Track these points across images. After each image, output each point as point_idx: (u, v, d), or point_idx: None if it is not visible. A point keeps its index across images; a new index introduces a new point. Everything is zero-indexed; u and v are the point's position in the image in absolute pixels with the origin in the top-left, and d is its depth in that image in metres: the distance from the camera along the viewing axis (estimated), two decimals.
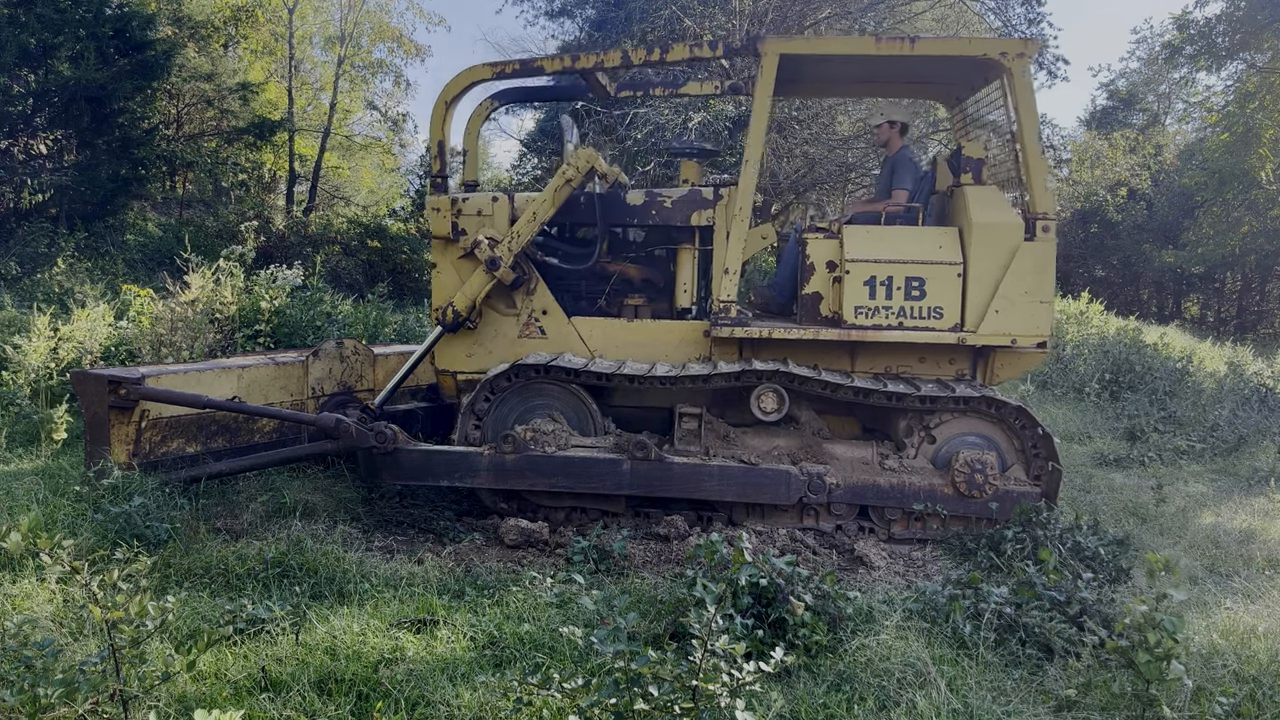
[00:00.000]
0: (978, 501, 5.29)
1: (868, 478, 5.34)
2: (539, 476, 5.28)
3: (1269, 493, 6.57)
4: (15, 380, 7.39)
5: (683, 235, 6.01)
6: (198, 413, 5.49)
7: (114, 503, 4.80)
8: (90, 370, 5.12)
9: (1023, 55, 5.41)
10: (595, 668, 3.21)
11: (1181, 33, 18.45)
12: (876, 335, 5.45)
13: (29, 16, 12.52)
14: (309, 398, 6.25)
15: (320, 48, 23.58)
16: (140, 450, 5.26)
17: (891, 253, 5.45)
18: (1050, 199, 5.45)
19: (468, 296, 5.80)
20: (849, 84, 6.97)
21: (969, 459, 5.28)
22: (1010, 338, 5.42)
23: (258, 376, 5.89)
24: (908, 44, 5.55)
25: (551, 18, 17.40)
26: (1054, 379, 10.80)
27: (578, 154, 5.77)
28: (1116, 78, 30.05)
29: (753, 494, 5.23)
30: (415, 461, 5.42)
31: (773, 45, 5.55)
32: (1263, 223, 20.32)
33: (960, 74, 6.09)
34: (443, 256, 5.98)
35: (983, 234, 5.38)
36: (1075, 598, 3.89)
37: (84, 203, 13.47)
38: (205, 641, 3.08)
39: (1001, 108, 5.77)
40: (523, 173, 18.54)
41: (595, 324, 5.92)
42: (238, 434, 5.84)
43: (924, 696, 3.31)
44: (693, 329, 5.81)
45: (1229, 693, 3.20)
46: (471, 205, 5.91)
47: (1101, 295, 20.45)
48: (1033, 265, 5.37)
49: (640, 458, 5.21)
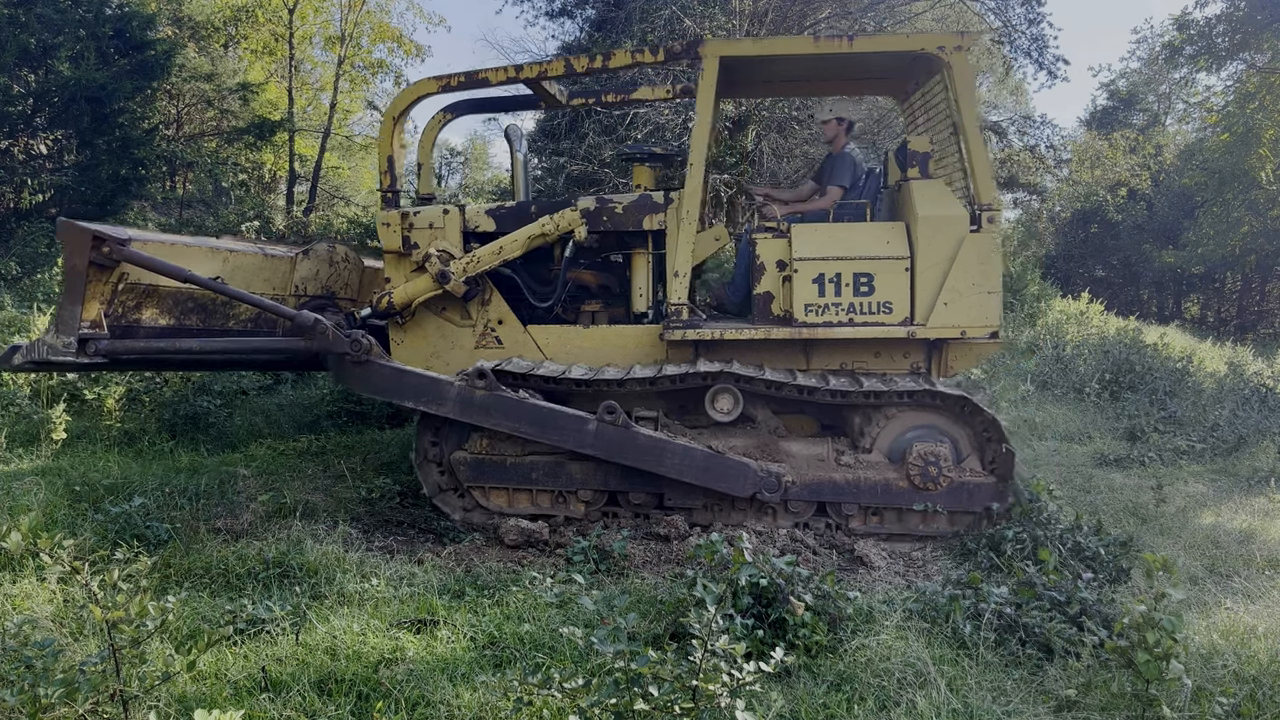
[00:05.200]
0: (933, 494, 5.32)
1: (823, 474, 5.37)
2: (504, 417, 5.28)
3: (1269, 493, 6.56)
4: (15, 380, 7.40)
5: (636, 240, 6.02)
6: (177, 286, 5.40)
7: (114, 503, 4.80)
8: (77, 222, 5.03)
9: (960, 49, 5.45)
10: (595, 668, 3.21)
11: (1181, 33, 18.44)
12: (827, 332, 5.47)
13: (29, 16, 12.52)
14: (291, 295, 6.18)
15: (320, 48, 23.58)
16: (113, 312, 5.19)
17: (839, 250, 5.48)
18: (994, 190, 5.48)
19: (408, 295, 5.85)
20: (798, 84, 7.01)
21: (922, 452, 5.30)
22: (960, 329, 5.44)
23: (243, 263, 5.80)
24: (846, 42, 5.62)
25: (551, 18, 17.37)
26: (1054, 379, 10.79)
27: (563, 215, 5.80)
28: (1116, 78, 30.06)
29: (712, 480, 5.24)
30: (386, 377, 5.42)
31: (713, 48, 5.59)
32: (1263, 223, 20.32)
33: (904, 70, 6.13)
34: (396, 271, 5.99)
35: (928, 227, 5.40)
36: (1075, 598, 3.89)
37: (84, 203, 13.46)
38: (205, 641, 3.08)
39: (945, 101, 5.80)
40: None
41: (551, 331, 5.94)
42: (213, 315, 5.74)
43: (924, 696, 3.31)
44: (648, 333, 5.83)
45: (1229, 693, 3.20)
46: (423, 219, 5.92)
47: (1101, 295, 20.45)
48: (978, 256, 5.40)
49: (609, 421, 5.22)
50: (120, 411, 7.68)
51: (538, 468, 5.49)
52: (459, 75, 5.96)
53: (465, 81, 5.96)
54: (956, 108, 5.49)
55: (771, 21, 13.51)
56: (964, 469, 5.41)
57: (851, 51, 5.57)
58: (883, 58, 5.83)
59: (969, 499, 5.33)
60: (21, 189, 13.54)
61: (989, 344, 5.70)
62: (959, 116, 5.49)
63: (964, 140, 5.50)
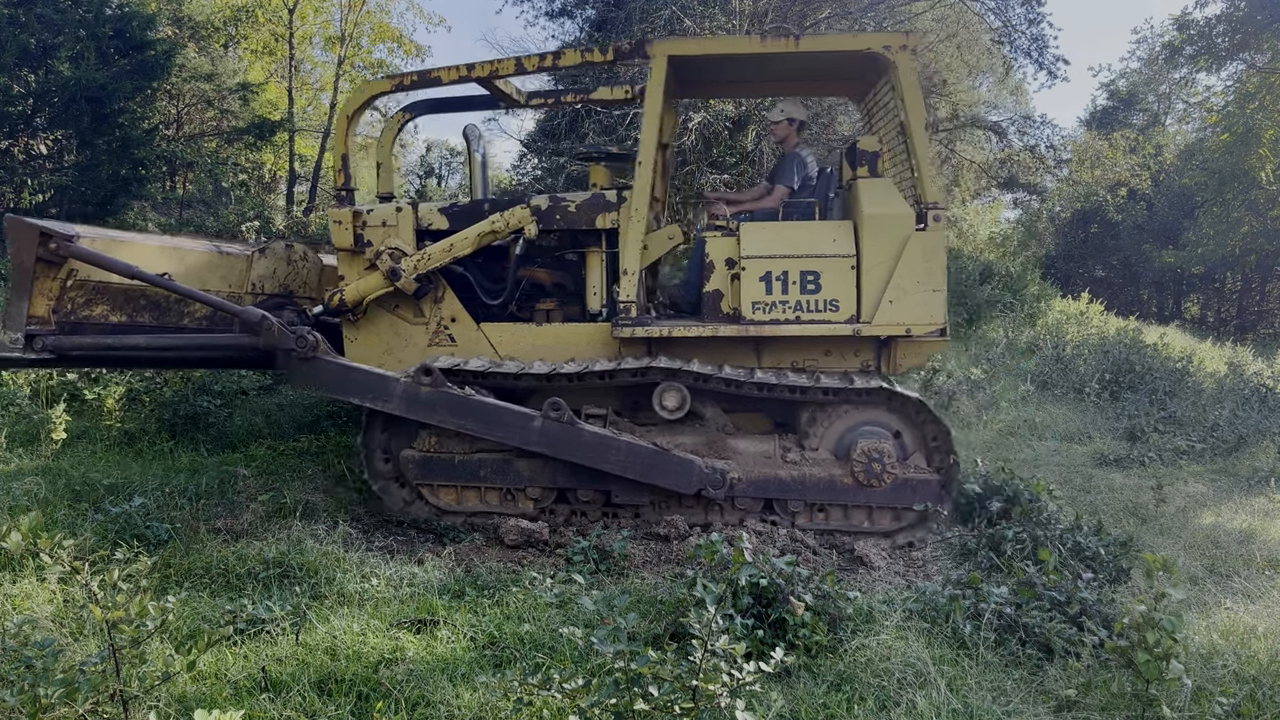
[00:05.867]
0: (878, 491, 5.34)
1: (769, 471, 5.39)
2: (449, 414, 5.30)
3: (1269, 493, 6.57)
4: (15, 380, 7.40)
5: (590, 239, 6.03)
6: (127, 283, 5.40)
7: (114, 503, 4.80)
8: (25, 218, 5.06)
9: (905, 48, 5.47)
10: (595, 668, 3.21)
11: (1181, 33, 18.44)
12: (774, 330, 5.49)
13: (29, 16, 12.52)
14: (248, 293, 6.17)
15: (320, 48, 23.59)
16: (61, 308, 5.20)
17: (787, 248, 5.50)
18: (940, 188, 5.50)
19: (360, 292, 5.86)
20: (753, 84, 7.03)
21: (866, 449, 5.32)
22: (905, 327, 5.46)
23: (198, 261, 5.81)
24: (792, 41, 5.63)
25: (551, 18, 17.37)
26: (1054, 379, 10.80)
27: (513, 212, 5.82)
28: (1116, 78, 30.03)
29: (656, 476, 5.27)
30: (332, 374, 5.44)
31: (660, 48, 5.62)
32: (1263, 223, 20.32)
33: (856, 70, 6.14)
34: (349, 268, 6.00)
35: (873, 225, 5.42)
36: (1075, 598, 3.89)
37: (84, 203, 13.45)
38: (205, 641, 3.08)
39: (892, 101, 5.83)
40: (523, 173, 18.50)
41: (505, 329, 5.95)
42: (167, 313, 5.74)
43: (924, 696, 3.31)
44: (600, 331, 5.84)
45: (1229, 693, 3.20)
46: (376, 216, 5.94)
47: (1101, 295, 20.45)
48: (924, 255, 5.42)
49: (554, 418, 5.24)
50: (120, 411, 7.68)
51: (485, 465, 5.51)
52: (412, 74, 6.01)
53: (418, 81, 6.00)
54: (902, 106, 5.51)
55: (771, 22, 13.51)
56: (909, 465, 5.43)
57: (798, 51, 5.59)
58: (831, 57, 5.85)
59: (913, 496, 5.36)
60: (21, 189, 13.53)
61: (937, 341, 5.74)
62: (905, 115, 5.51)
63: (910, 139, 5.53)
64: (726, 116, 12.75)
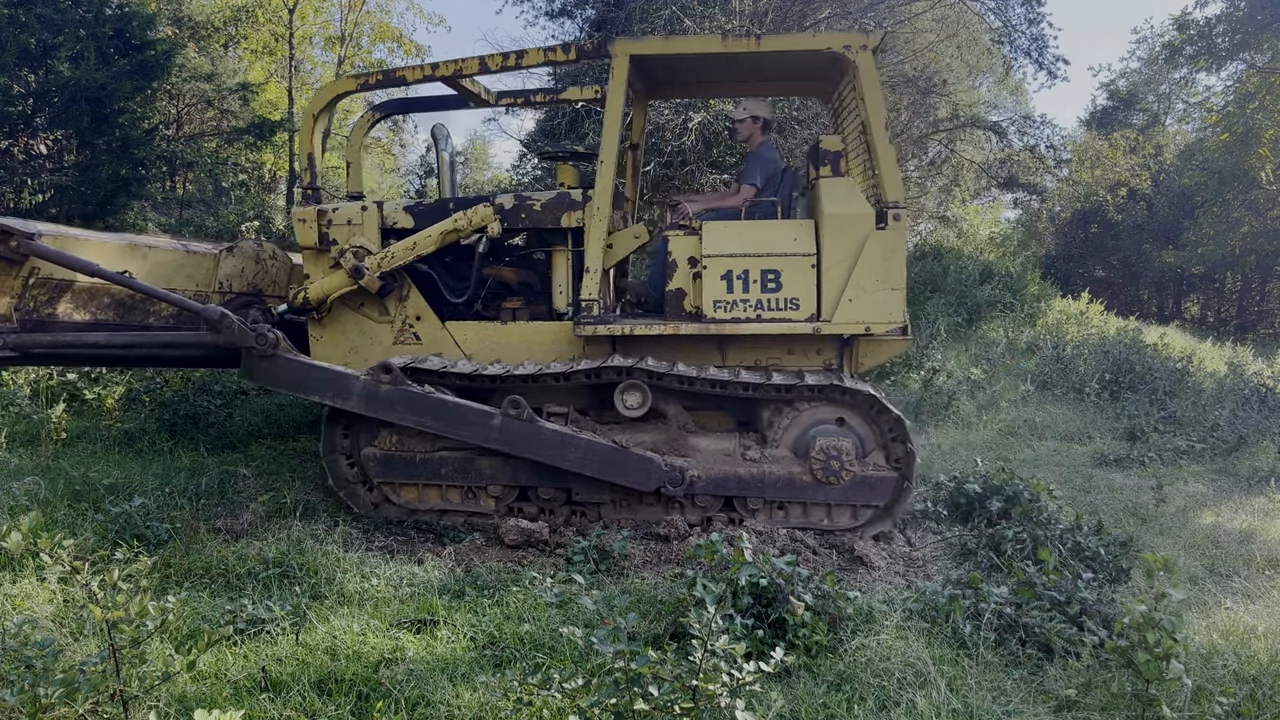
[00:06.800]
0: (836, 488, 5.35)
1: (729, 469, 5.40)
2: (409, 412, 5.31)
3: (1269, 493, 6.57)
4: (15, 380, 7.40)
5: (555, 237, 6.04)
6: (90, 281, 5.41)
7: (114, 503, 4.80)
8: None
9: (865, 48, 5.48)
10: (595, 668, 3.22)
11: (1181, 33, 18.44)
12: (735, 328, 5.50)
13: (29, 16, 12.51)
14: (215, 292, 6.17)
15: (320, 48, 23.60)
16: (23, 306, 5.21)
17: (748, 246, 5.51)
18: (900, 187, 5.52)
19: (324, 290, 5.87)
20: (719, 84, 7.04)
21: (825, 446, 5.33)
22: (864, 325, 5.46)
23: (164, 260, 5.81)
24: (754, 40, 5.65)
25: (551, 18, 17.36)
26: (1054, 379, 10.80)
27: (476, 210, 5.83)
28: (1117, 78, 30.02)
29: (615, 474, 5.28)
30: (292, 371, 5.46)
31: (622, 47, 5.63)
32: (1263, 223, 20.32)
33: (820, 69, 6.15)
34: (315, 267, 6.00)
35: (833, 224, 5.44)
36: (1075, 598, 3.90)
37: (84, 203, 13.44)
38: (205, 641, 3.08)
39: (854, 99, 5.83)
40: (523, 173, 18.50)
41: (469, 328, 5.95)
42: (132, 312, 5.74)
43: (924, 696, 3.31)
44: (565, 329, 5.85)
45: (1229, 693, 3.20)
46: (341, 215, 5.94)
47: (1101, 295, 20.44)
48: (883, 253, 5.43)
49: (513, 415, 5.24)
50: (120, 411, 7.68)
51: (447, 463, 5.51)
52: (377, 74, 6.04)
53: (383, 80, 6.03)
54: (863, 106, 5.52)
55: (771, 22, 13.51)
56: (867, 463, 5.43)
57: (759, 50, 5.61)
58: (793, 57, 5.86)
59: (871, 493, 5.36)
60: (21, 189, 13.53)
61: (899, 340, 5.76)
62: (866, 115, 5.52)
63: (871, 139, 5.54)
64: (726, 116, 12.75)
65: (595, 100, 7.26)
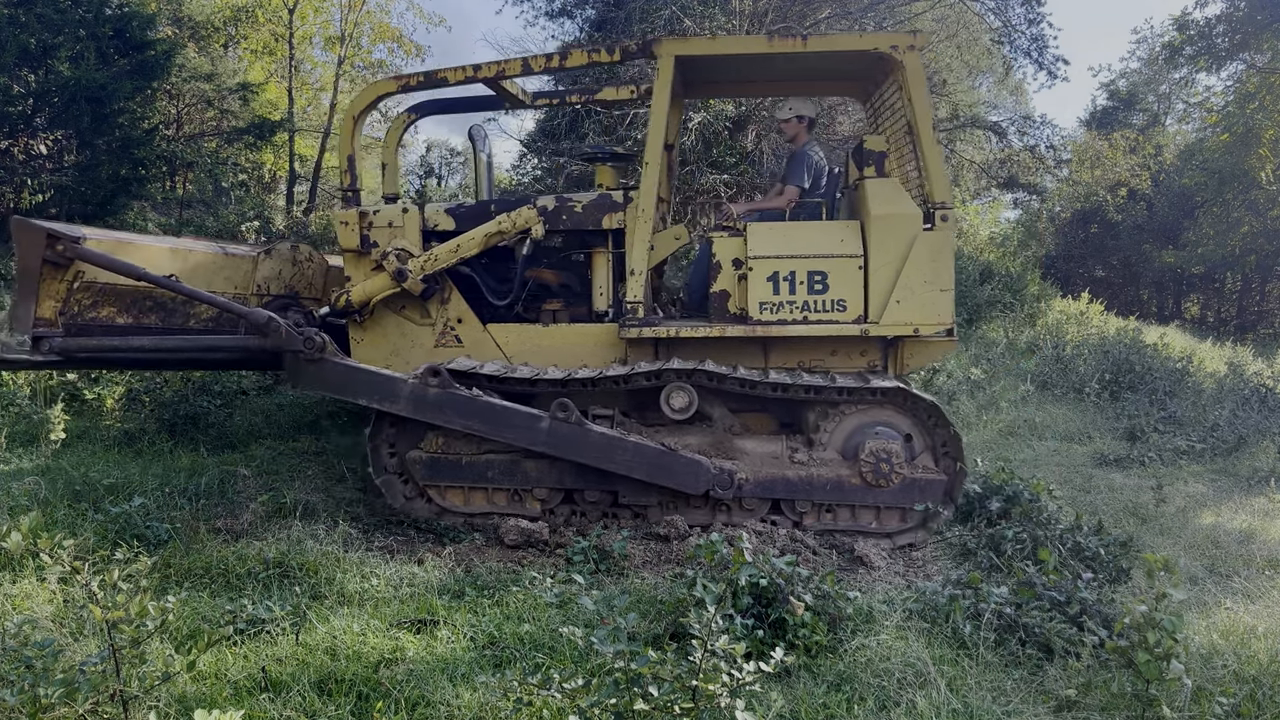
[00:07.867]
0: (885, 491, 5.33)
1: (776, 472, 5.38)
2: (456, 415, 5.30)
3: (1269, 493, 6.57)
4: (15, 380, 7.39)
5: (596, 239, 6.04)
6: (134, 284, 5.39)
7: (114, 503, 4.80)
8: (31, 220, 5.05)
9: (913, 48, 5.47)
10: (595, 668, 3.21)
11: (1181, 33, 18.44)
12: (781, 330, 5.49)
13: (29, 16, 12.50)
14: (253, 294, 6.16)
15: (320, 48, 23.57)
16: (68, 310, 5.20)
17: (794, 248, 5.51)
18: (948, 188, 5.51)
19: (366, 293, 5.87)
20: (759, 84, 7.04)
21: (875, 449, 5.31)
22: (913, 327, 5.46)
23: (203, 261, 5.80)
24: (800, 41, 5.64)
25: (551, 18, 17.36)
26: (1054, 379, 10.79)
27: (520, 213, 5.82)
28: (1117, 78, 30.00)
29: (664, 477, 5.26)
30: (339, 375, 5.44)
31: (668, 47, 5.61)
32: (1263, 223, 20.32)
33: (863, 70, 6.15)
34: (356, 270, 6.00)
35: (881, 225, 5.43)
36: (1075, 598, 3.89)
37: (84, 203, 13.44)
38: (205, 641, 3.08)
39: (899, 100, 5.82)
40: (523, 173, 18.49)
41: (511, 330, 5.95)
42: (173, 315, 5.73)
43: (924, 696, 3.31)
44: (607, 331, 5.84)
45: (1229, 693, 3.20)
46: (382, 217, 5.94)
47: (1101, 295, 20.42)
48: (931, 254, 5.42)
49: (561, 418, 5.23)
50: (120, 411, 7.68)
51: (493, 466, 5.50)
52: (418, 75, 5.98)
53: (424, 81, 5.98)
54: (910, 106, 5.51)
55: (772, 21, 13.51)
56: (916, 466, 5.42)
57: (805, 51, 5.59)
58: (838, 57, 5.85)
59: (920, 496, 5.35)
60: (21, 189, 13.52)
61: (945, 342, 5.74)
62: (912, 115, 5.51)
63: (918, 139, 5.53)
64: (727, 116, 12.75)
65: (630, 101, 7.22)
